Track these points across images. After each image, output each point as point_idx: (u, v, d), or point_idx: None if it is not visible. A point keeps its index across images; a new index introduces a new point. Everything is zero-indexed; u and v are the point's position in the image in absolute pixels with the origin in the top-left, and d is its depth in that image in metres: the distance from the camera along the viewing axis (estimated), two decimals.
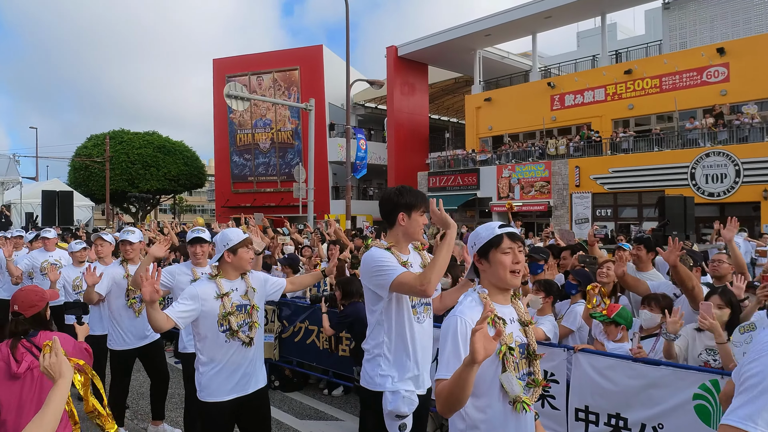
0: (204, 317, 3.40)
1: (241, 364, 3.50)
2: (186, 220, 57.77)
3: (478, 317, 2.03)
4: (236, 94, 17.49)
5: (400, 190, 3.14)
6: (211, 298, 3.43)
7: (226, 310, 3.45)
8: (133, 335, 5.19)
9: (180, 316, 3.29)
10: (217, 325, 3.43)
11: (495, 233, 2.33)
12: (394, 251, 3.03)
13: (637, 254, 5.26)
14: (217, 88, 36.18)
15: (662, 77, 23.05)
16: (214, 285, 3.49)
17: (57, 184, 28.21)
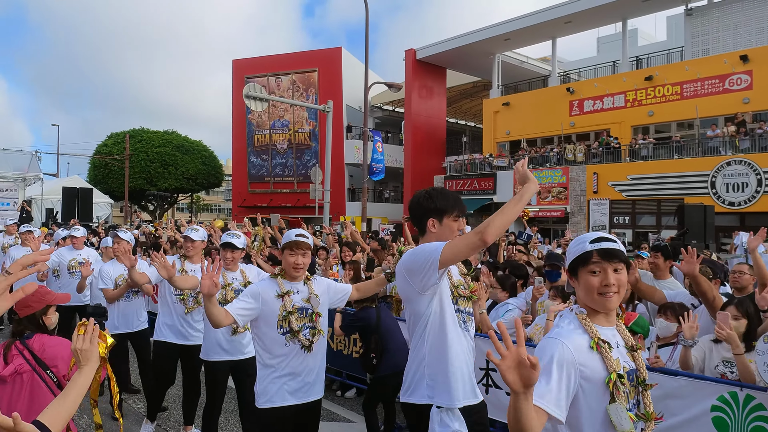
0: (264, 318, 3.29)
1: (301, 371, 3.35)
2: (203, 218, 58.23)
3: (581, 342, 1.88)
4: (255, 94, 17.60)
5: (430, 193, 2.92)
6: (272, 297, 3.32)
7: (287, 310, 3.33)
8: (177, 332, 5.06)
9: (240, 313, 3.18)
10: (277, 327, 3.31)
11: (585, 249, 2.00)
12: None
13: (654, 262, 5.20)
14: (236, 88, 36.46)
15: (683, 84, 22.80)
16: (276, 284, 3.39)
17: (77, 181, 28.60)
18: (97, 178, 40.45)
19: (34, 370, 2.82)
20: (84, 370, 2.02)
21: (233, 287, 4.57)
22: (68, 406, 1.89)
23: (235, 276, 4.66)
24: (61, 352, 2.85)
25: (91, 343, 2.06)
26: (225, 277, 4.54)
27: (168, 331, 5.05)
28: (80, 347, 2.04)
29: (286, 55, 37.27)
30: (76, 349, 2.05)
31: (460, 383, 2.71)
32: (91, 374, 2.02)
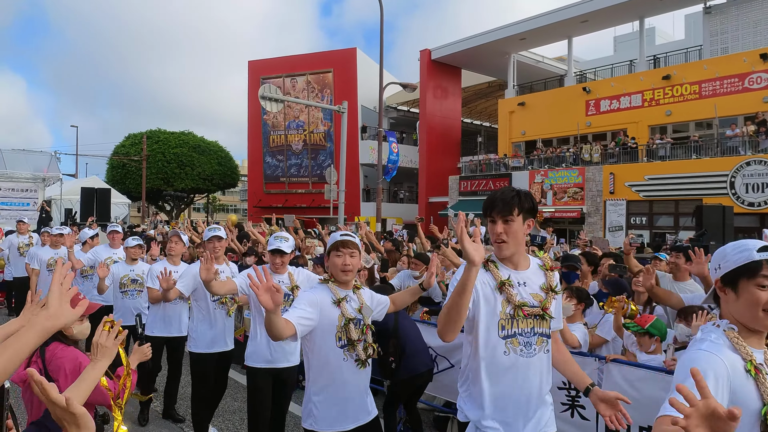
0: (321, 329, 2.97)
1: (354, 390, 3.06)
2: (219, 218, 58.61)
3: (736, 363, 1.67)
4: (270, 95, 17.67)
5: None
6: (328, 304, 3.01)
7: (347, 317, 3.02)
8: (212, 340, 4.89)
9: (301, 322, 2.83)
10: (336, 339, 2.99)
11: (752, 258, 1.74)
12: None
13: (675, 263, 5.14)
14: (251, 89, 36.70)
15: (702, 83, 22.53)
16: (329, 290, 3.08)
17: (95, 182, 28.95)
18: (115, 179, 40.90)
19: None
20: (97, 365, 2.08)
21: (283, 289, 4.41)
22: (80, 397, 1.94)
23: (282, 279, 4.33)
24: (65, 365, 2.79)
25: (113, 342, 2.11)
26: (335, 291, 4.34)
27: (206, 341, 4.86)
28: (101, 342, 2.10)
29: (301, 56, 37.42)
30: (96, 342, 2.11)
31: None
32: (103, 369, 2.08)
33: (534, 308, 2.50)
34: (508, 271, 2.54)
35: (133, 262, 6.23)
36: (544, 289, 2.56)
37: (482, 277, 2.50)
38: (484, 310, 2.48)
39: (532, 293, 2.53)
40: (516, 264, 2.57)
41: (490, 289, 2.50)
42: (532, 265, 2.62)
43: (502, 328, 2.47)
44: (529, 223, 2.54)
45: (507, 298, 2.48)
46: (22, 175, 23.87)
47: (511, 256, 2.54)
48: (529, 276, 2.56)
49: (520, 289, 2.51)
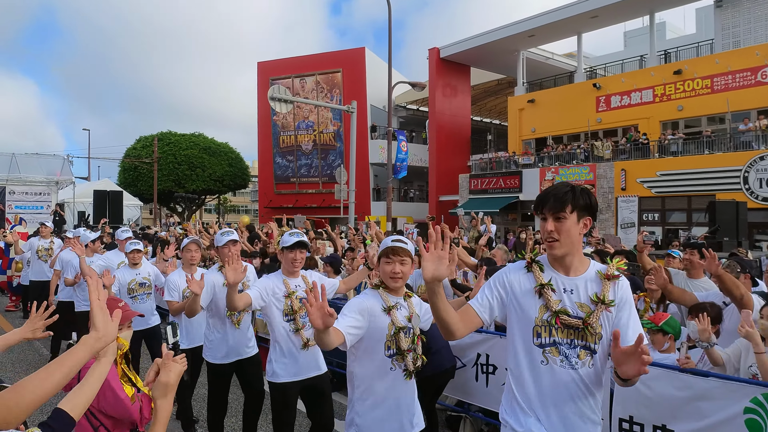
0: (370, 337, 2.87)
1: (401, 403, 2.95)
2: (230, 219, 58.89)
3: None
4: (280, 96, 17.73)
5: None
6: (378, 311, 2.90)
7: (397, 326, 2.91)
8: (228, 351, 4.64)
9: (350, 331, 2.74)
10: (385, 348, 2.89)
11: None
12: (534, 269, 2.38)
13: (689, 259, 5.10)
14: (261, 90, 36.84)
15: (714, 77, 22.32)
16: (379, 297, 2.97)
17: (108, 184, 29.19)
18: (126, 181, 41.22)
19: None
20: (102, 361, 2.10)
21: (298, 295, 4.00)
22: (86, 394, 1.98)
23: (298, 283, 4.06)
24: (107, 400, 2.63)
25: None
26: (287, 285, 3.96)
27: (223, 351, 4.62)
28: None
29: (310, 56, 37.49)
30: None
31: None
32: (109, 365, 2.11)
33: (574, 319, 2.27)
34: (554, 275, 2.34)
35: (136, 266, 6.10)
36: (594, 300, 2.28)
37: (520, 278, 2.37)
38: (517, 314, 2.35)
39: (578, 302, 2.29)
40: (567, 267, 2.34)
41: (527, 291, 2.34)
42: (590, 271, 2.36)
43: (538, 335, 2.30)
44: (586, 222, 2.31)
45: (546, 303, 2.29)
46: (35, 178, 24.11)
47: (564, 257, 2.31)
48: (580, 283, 2.32)
49: (564, 295, 2.30)
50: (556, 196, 2.28)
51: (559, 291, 2.30)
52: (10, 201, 23.17)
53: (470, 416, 5.21)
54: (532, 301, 2.32)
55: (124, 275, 6.02)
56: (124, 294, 5.96)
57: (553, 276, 2.33)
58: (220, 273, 4.49)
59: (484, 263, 5.77)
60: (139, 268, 6.12)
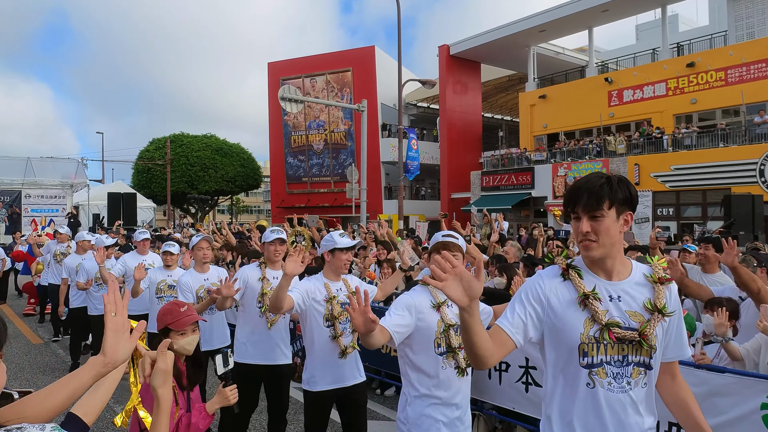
0: (419, 334, 2.79)
1: (456, 401, 2.88)
2: (243, 220, 59.19)
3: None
4: (290, 96, 17.78)
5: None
6: (427, 308, 2.83)
7: (447, 323, 2.82)
8: (261, 350, 4.40)
9: (397, 330, 2.67)
10: (434, 345, 2.81)
11: None
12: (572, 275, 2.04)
13: (704, 254, 5.05)
14: (271, 90, 36.96)
15: (728, 69, 22.07)
16: (428, 293, 2.89)
17: (121, 186, 29.47)
18: (140, 183, 41.57)
19: None
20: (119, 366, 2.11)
21: (339, 300, 3.78)
22: (100, 398, 1.98)
23: (339, 287, 3.85)
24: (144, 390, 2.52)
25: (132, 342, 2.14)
26: (329, 289, 3.77)
27: (252, 350, 4.38)
28: None
29: (319, 55, 37.55)
30: None
31: None
32: (123, 368, 2.11)
33: (628, 331, 1.93)
34: (596, 281, 2.00)
35: (169, 267, 5.98)
36: (648, 307, 1.96)
37: (556, 288, 2.03)
38: (557, 331, 2.00)
39: (629, 311, 1.96)
40: (609, 271, 2.01)
41: (567, 303, 1.99)
42: (635, 273, 2.03)
43: (584, 354, 1.94)
44: (626, 217, 1.98)
45: (592, 315, 1.95)
46: (50, 182, 24.42)
47: (603, 259, 1.98)
48: (628, 288, 2.00)
49: (610, 304, 1.96)
50: (591, 191, 1.94)
51: (605, 300, 1.97)
52: (26, 204, 23.48)
53: (484, 414, 5.19)
54: (576, 315, 1.97)
55: (156, 275, 5.95)
56: (152, 293, 5.88)
57: (596, 282, 2.00)
58: (259, 268, 4.45)
59: (495, 260, 5.76)
60: (171, 270, 5.97)
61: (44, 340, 9.60)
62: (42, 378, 7.06)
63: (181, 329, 2.79)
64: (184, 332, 2.78)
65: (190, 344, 2.81)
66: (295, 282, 3.63)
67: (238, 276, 4.36)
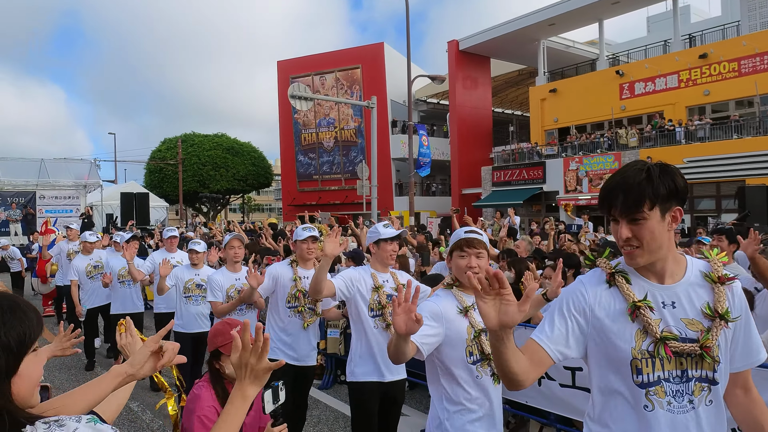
0: (450, 343, 2.54)
1: (494, 409, 2.63)
2: (254, 218, 59.43)
3: None
4: (300, 94, 17.80)
5: None
6: (454, 314, 2.56)
7: (476, 329, 2.57)
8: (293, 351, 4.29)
9: (425, 341, 2.41)
10: (465, 354, 2.54)
11: None
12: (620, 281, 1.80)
13: (717, 246, 5.01)
14: (281, 89, 37.03)
15: (741, 60, 21.80)
16: (453, 297, 2.62)
17: (134, 187, 29.72)
18: (152, 183, 41.86)
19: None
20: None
21: (386, 290, 3.72)
22: (118, 397, 2.01)
23: (386, 278, 3.77)
24: (186, 418, 2.37)
25: (133, 337, 2.16)
26: (375, 279, 3.70)
27: (282, 351, 4.25)
28: (123, 343, 2.15)
29: (329, 53, 37.57)
30: (121, 346, 2.16)
31: None
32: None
33: (686, 344, 1.67)
34: (647, 285, 1.75)
35: (196, 266, 5.83)
36: (707, 313, 1.70)
37: (600, 296, 1.78)
38: (603, 346, 1.75)
39: (685, 319, 1.71)
40: (661, 274, 1.75)
41: (615, 314, 1.74)
42: (690, 273, 1.77)
43: (638, 372, 1.69)
44: (674, 214, 1.71)
45: (644, 327, 1.69)
46: (64, 183, 24.65)
47: (654, 263, 1.74)
48: (682, 292, 1.74)
49: (664, 312, 1.71)
50: (627, 191, 1.69)
51: (657, 307, 1.72)
52: (40, 205, 23.72)
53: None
54: (625, 327, 1.72)
55: (183, 273, 5.80)
56: (179, 293, 5.77)
57: (647, 288, 1.75)
58: (290, 267, 4.39)
59: (506, 255, 5.74)
60: (199, 269, 5.81)
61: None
62: (57, 375, 7.14)
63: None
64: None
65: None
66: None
67: (269, 272, 4.32)
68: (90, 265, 7.79)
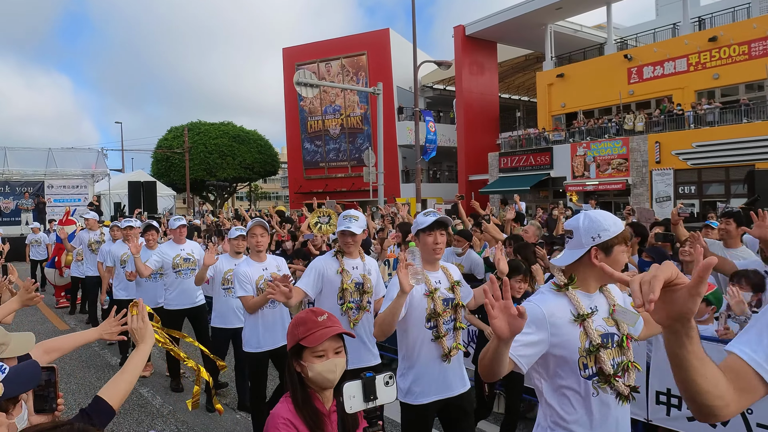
0: (559, 355, 2.08)
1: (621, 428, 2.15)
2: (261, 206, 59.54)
3: None
4: (306, 81, 17.75)
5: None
6: (566, 321, 2.08)
7: (592, 342, 2.07)
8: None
9: (521, 352, 2.00)
10: (579, 367, 2.06)
11: None
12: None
13: (725, 228, 4.98)
14: (287, 76, 36.91)
15: (751, 43, 21.54)
16: (566, 301, 2.13)
17: (141, 175, 29.78)
18: (159, 172, 41.94)
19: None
20: (141, 348, 2.16)
21: (440, 293, 3.16)
22: (126, 381, 2.03)
23: (438, 276, 3.24)
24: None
25: (144, 322, 2.18)
26: (428, 282, 3.14)
27: None
28: (135, 327, 2.17)
29: (334, 40, 37.39)
30: (131, 329, 2.18)
31: None
32: (147, 351, 2.16)
33: None
34: None
35: (238, 255, 5.33)
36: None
37: None
38: None
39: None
40: None
41: None
42: None
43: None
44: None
45: None
46: (72, 172, 24.73)
47: None
48: None
49: None
50: None
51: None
52: (48, 194, 23.83)
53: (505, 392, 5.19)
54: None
55: (223, 264, 5.39)
56: (218, 284, 5.39)
57: None
58: (335, 259, 3.88)
59: (512, 240, 5.73)
60: (240, 259, 5.22)
61: (70, 326, 9.79)
62: (68, 362, 7.21)
63: (318, 345, 1.90)
64: (323, 353, 1.91)
65: (331, 371, 1.91)
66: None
67: (312, 268, 3.84)
68: (126, 254, 7.26)
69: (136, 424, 5.29)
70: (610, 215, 2.17)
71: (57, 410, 1.82)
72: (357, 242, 3.90)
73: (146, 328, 2.18)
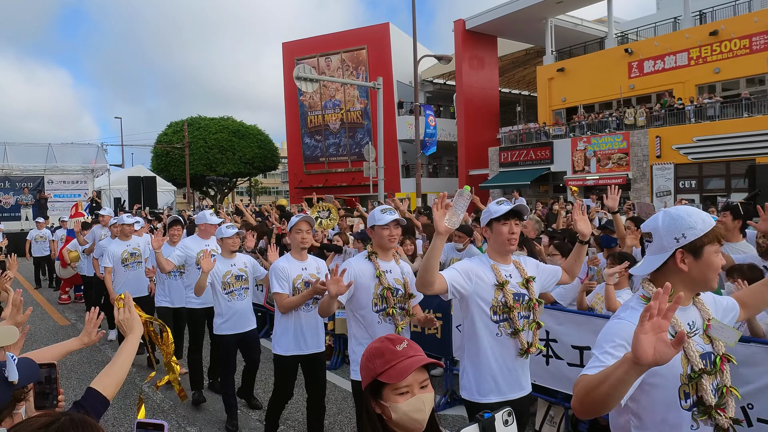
0: (651, 384, 1.80)
1: None
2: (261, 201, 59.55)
3: None
4: (305, 75, 17.72)
5: None
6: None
7: (694, 367, 1.80)
8: None
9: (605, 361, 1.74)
10: (679, 396, 1.80)
11: None
12: None
13: (722, 221, 4.97)
14: (286, 71, 36.83)
15: (752, 37, 21.48)
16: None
17: (141, 170, 29.79)
18: (159, 167, 41.91)
19: None
20: (129, 338, 2.18)
21: (512, 287, 2.91)
22: (117, 372, 2.05)
23: (509, 270, 2.97)
24: None
25: (131, 313, 2.21)
26: (498, 273, 2.89)
27: None
28: (122, 318, 2.20)
29: (334, 34, 37.28)
30: (119, 321, 2.21)
31: None
32: (137, 341, 2.18)
33: None
34: None
35: (232, 255, 5.08)
36: None
37: None
38: None
39: None
40: None
41: None
42: None
43: None
44: None
45: None
46: (72, 167, 24.73)
47: None
48: None
49: None
50: None
51: None
52: (48, 190, 23.84)
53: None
54: None
55: (218, 267, 4.93)
56: (219, 290, 4.94)
57: None
58: (369, 261, 3.51)
59: None
60: (233, 258, 5.07)
61: (71, 321, 9.80)
62: (68, 359, 7.20)
63: (402, 381, 1.53)
64: (407, 389, 1.54)
65: (419, 410, 1.54)
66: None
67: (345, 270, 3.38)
68: (126, 251, 7.05)
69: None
70: (695, 210, 1.88)
71: (58, 407, 1.84)
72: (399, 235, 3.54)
73: (133, 318, 2.21)
